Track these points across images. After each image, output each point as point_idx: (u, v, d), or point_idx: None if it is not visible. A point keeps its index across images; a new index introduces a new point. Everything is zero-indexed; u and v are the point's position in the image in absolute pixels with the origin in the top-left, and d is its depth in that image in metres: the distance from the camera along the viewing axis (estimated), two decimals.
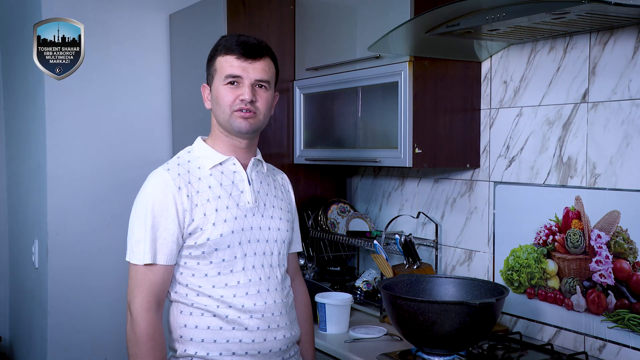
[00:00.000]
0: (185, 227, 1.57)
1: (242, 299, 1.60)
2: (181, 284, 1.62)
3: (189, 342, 1.60)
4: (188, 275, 1.61)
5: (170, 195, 1.57)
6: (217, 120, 1.67)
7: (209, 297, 1.59)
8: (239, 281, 1.60)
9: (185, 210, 1.57)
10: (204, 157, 1.67)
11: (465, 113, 2.25)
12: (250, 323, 1.60)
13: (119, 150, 3.00)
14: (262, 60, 1.63)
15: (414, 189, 2.59)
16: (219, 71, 1.64)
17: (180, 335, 1.61)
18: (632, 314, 1.81)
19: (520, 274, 2.13)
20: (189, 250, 1.59)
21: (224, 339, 1.59)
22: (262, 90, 1.63)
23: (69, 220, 2.90)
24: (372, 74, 2.26)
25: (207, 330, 1.59)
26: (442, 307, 1.76)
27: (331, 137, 2.53)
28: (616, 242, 1.84)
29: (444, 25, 1.87)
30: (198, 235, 1.58)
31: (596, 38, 1.90)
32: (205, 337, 1.59)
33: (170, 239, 1.57)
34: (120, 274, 3.00)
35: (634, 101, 1.81)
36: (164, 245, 1.57)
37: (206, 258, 1.59)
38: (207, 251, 1.58)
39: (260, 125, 1.65)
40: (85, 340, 2.93)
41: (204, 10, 2.76)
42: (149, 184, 1.61)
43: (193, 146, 1.71)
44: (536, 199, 2.08)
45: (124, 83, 2.99)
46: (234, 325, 1.59)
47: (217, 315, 1.59)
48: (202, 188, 1.61)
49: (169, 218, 1.56)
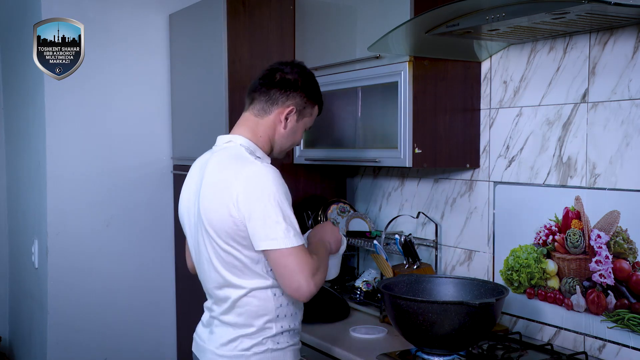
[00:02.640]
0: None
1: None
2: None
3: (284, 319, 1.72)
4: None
5: (286, 186, 1.68)
6: (277, 143, 1.81)
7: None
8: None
9: (290, 200, 1.68)
10: (263, 157, 1.77)
11: (465, 113, 2.25)
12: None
13: (119, 151, 3.00)
14: None
15: (413, 189, 2.59)
16: (312, 118, 1.86)
17: (277, 315, 1.71)
18: (631, 314, 1.81)
19: (520, 274, 2.13)
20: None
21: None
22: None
23: (68, 221, 2.90)
24: (372, 74, 2.26)
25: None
26: (442, 307, 1.76)
27: (331, 137, 2.53)
28: (616, 242, 1.84)
29: (444, 25, 1.87)
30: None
31: (596, 38, 1.90)
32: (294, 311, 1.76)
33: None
34: (120, 274, 3.02)
35: (633, 101, 1.81)
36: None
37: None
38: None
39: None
40: (85, 340, 2.93)
41: (204, 10, 2.76)
42: (268, 173, 1.63)
43: (245, 144, 1.74)
44: (536, 199, 2.08)
45: (124, 83, 2.99)
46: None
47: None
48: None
49: (291, 204, 1.67)
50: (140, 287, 3.07)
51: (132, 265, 3.05)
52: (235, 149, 1.72)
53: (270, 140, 1.80)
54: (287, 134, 1.80)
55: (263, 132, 1.77)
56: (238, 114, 1.76)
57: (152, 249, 3.10)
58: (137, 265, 3.06)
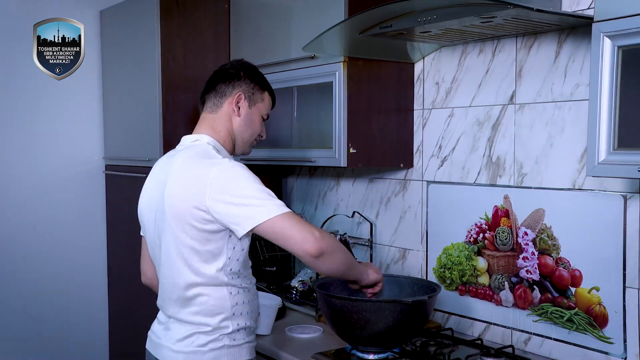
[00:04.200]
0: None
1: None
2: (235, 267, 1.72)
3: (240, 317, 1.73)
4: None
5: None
6: (237, 134, 1.83)
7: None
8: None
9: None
10: (227, 157, 1.78)
11: (399, 113, 2.29)
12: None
13: (46, 149, 2.92)
14: None
15: (349, 188, 2.61)
16: (265, 105, 1.87)
17: (232, 313, 1.72)
18: (554, 307, 1.89)
19: (452, 272, 2.18)
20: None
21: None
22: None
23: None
24: (307, 74, 2.27)
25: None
26: (376, 305, 1.78)
27: (267, 136, 2.52)
28: (541, 239, 1.91)
29: (377, 27, 1.90)
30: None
31: (522, 42, 1.96)
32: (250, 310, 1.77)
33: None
34: (49, 277, 2.92)
35: (556, 103, 1.88)
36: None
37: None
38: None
39: None
40: (11, 346, 2.84)
41: (136, 7, 2.70)
42: (237, 166, 1.65)
43: (212, 143, 1.77)
44: (467, 197, 2.13)
45: (52, 80, 2.89)
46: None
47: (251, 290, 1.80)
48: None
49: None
50: (70, 291, 2.98)
51: (61, 268, 2.96)
52: (203, 147, 1.74)
53: (231, 134, 1.82)
54: (243, 122, 1.82)
55: (221, 127, 1.80)
56: (172, 113, 1.75)
57: (83, 252, 3.02)
58: (66, 268, 2.97)
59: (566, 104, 1.85)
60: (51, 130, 2.92)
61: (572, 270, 1.84)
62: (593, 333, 1.80)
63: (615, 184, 1.74)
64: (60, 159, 2.96)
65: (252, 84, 1.83)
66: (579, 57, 1.81)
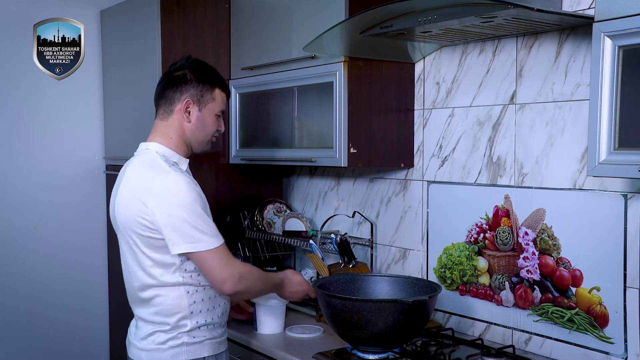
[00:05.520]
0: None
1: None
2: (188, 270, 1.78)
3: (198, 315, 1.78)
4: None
5: (199, 191, 1.75)
6: (191, 138, 1.85)
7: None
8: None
9: (206, 205, 1.77)
10: (179, 161, 1.83)
11: (399, 113, 2.28)
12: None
13: (48, 149, 2.92)
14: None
15: (349, 188, 2.61)
16: (217, 102, 1.86)
17: (191, 311, 1.77)
18: (555, 307, 1.89)
19: (453, 272, 2.18)
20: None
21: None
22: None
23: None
24: (308, 74, 2.26)
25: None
26: (377, 305, 1.78)
27: (267, 137, 2.52)
28: (542, 239, 1.91)
29: (378, 27, 1.90)
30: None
31: (522, 42, 1.96)
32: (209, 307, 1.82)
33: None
34: (50, 277, 2.92)
35: (556, 103, 1.88)
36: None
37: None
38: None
39: None
40: (12, 346, 2.83)
41: (137, 7, 2.70)
42: (180, 182, 1.70)
43: (161, 151, 1.80)
44: (468, 197, 2.13)
45: (53, 79, 2.89)
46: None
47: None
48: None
49: (207, 208, 1.77)
50: (70, 290, 2.98)
51: (61, 268, 2.96)
52: (150, 156, 1.78)
53: (183, 139, 1.84)
54: (195, 127, 1.84)
55: (173, 133, 1.83)
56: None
57: (83, 252, 3.02)
58: (67, 268, 2.98)
59: (567, 104, 1.85)
60: (51, 130, 2.92)
61: (572, 270, 1.84)
62: (594, 333, 1.80)
63: (615, 184, 1.74)
64: (61, 159, 2.96)
65: (200, 85, 1.83)
66: (580, 57, 1.81)
